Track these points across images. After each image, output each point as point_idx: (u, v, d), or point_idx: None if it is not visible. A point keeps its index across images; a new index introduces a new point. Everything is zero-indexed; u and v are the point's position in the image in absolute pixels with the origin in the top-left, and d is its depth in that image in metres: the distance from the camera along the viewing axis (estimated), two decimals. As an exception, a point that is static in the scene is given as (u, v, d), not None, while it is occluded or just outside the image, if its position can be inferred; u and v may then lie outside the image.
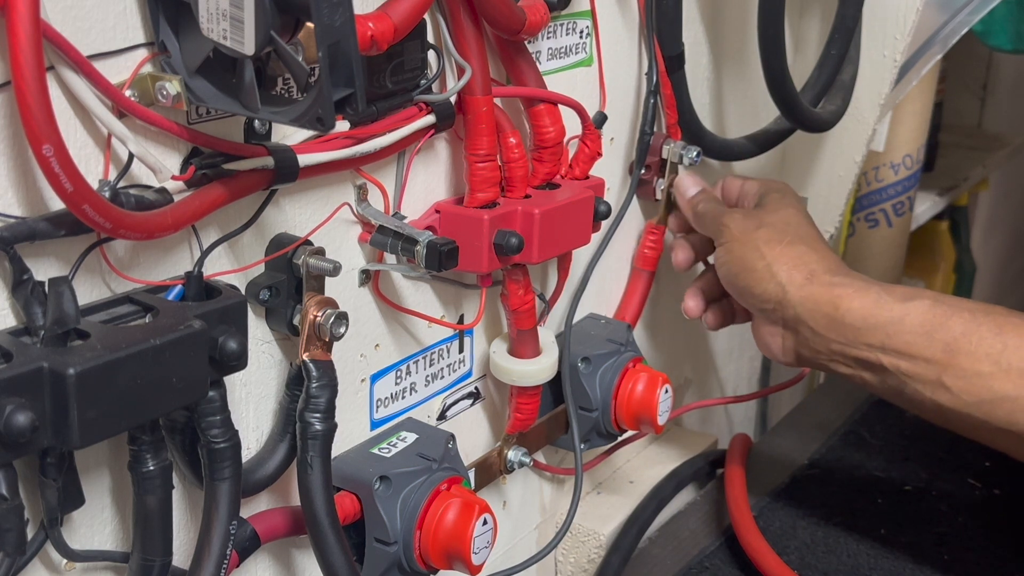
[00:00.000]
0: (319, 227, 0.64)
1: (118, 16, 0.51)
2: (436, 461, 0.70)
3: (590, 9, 0.82)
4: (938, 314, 0.75)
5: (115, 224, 0.48)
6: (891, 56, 1.03)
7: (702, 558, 0.90)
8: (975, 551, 0.91)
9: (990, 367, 0.72)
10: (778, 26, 0.87)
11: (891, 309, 0.76)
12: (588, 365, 0.85)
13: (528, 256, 0.73)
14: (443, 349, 0.78)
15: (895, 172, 1.45)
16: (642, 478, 0.99)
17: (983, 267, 1.98)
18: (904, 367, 0.75)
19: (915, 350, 0.75)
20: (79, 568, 0.57)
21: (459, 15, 0.67)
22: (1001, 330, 0.73)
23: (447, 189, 0.74)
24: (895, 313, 0.76)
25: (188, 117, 0.55)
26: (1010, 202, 2.11)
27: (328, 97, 0.48)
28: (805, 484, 1.00)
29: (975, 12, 1.07)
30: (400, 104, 0.66)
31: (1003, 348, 0.72)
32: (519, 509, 0.91)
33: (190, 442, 0.58)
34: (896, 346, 0.76)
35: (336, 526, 0.63)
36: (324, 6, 0.47)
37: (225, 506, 0.57)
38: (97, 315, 0.52)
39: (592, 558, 0.93)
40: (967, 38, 1.12)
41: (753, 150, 1.01)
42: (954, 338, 0.74)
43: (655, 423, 0.86)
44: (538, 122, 0.75)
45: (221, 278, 0.58)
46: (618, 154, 0.91)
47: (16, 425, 0.45)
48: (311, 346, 0.61)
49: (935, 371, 0.74)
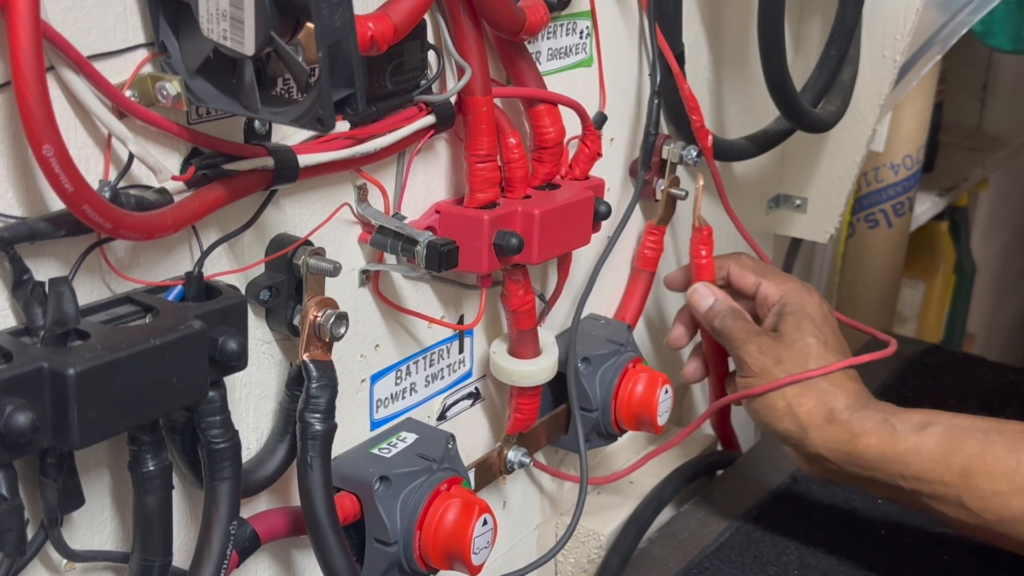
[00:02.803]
0: (319, 227, 0.64)
1: (118, 16, 0.51)
2: (436, 461, 0.70)
3: (590, 9, 0.82)
4: (952, 439, 0.77)
5: (115, 224, 0.48)
6: (891, 56, 1.03)
7: (702, 558, 0.90)
8: (975, 551, 0.91)
9: (1007, 485, 0.74)
10: (778, 26, 0.87)
11: (907, 440, 0.79)
12: (588, 365, 0.85)
13: (528, 256, 0.73)
14: (443, 349, 0.78)
15: (895, 172, 1.45)
16: (642, 478, 0.99)
17: (983, 267, 1.98)
18: (925, 491, 0.78)
19: (933, 476, 0.77)
20: (79, 568, 0.57)
21: (459, 15, 0.67)
22: (1015, 447, 0.75)
23: (447, 189, 0.74)
24: (911, 444, 0.78)
25: (188, 117, 0.55)
26: (1010, 202, 2.11)
27: (328, 97, 0.48)
28: (805, 484, 1.00)
29: (975, 12, 1.08)
30: (400, 104, 0.66)
31: (1017, 466, 0.74)
32: (519, 509, 0.91)
33: (190, 442, 0.58)
34: (915, 474, 0.78)
35: (336, 526, 0.63)
36: (324, 6, 0.47)
37: (225, 506, 0.57)
38: (97, 315, 0.52)
39: (592, 558, 0.93)
40: (967, 38, 1.12)
41: (753, 150, 1.01)
42: (969, 460, 0.76)
43: (655, 423, 0.86)
44: (538, 122, 0.75)
45: (221, 278, 0.58)
46: (618, 154, 0.91)
47: (16, 425, 0.45)
48: (311, 346, 0.61)
49: (954, 493, 0.76)
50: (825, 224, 1.15)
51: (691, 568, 0.89)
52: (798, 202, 1.18)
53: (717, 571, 0.89)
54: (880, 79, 1.05)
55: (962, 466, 0.76)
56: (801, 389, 0.83)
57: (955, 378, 1.22)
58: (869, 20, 1.02)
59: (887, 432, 0.79)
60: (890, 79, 1.04)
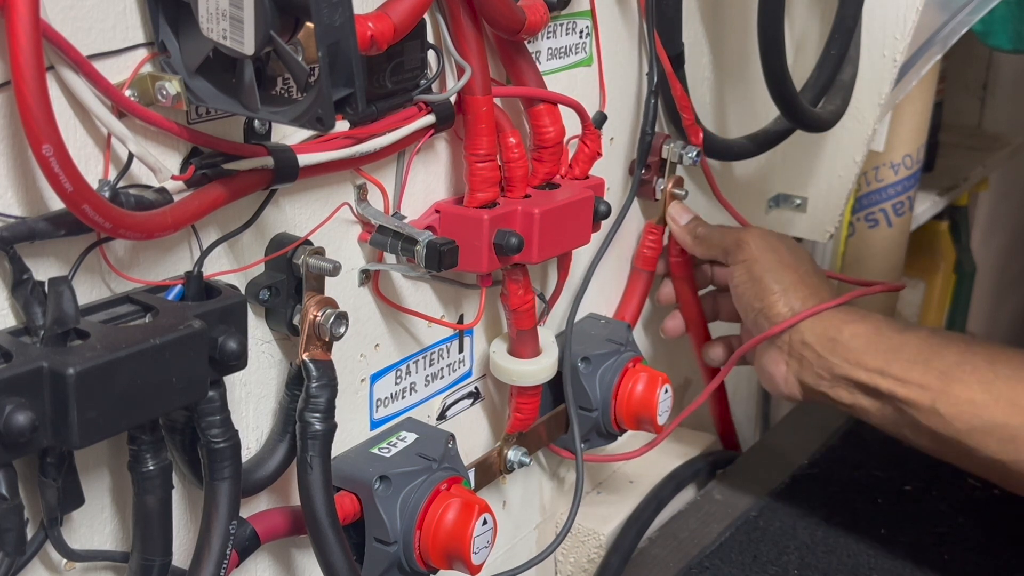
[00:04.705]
0: (319, 227, 0.64)
1: (118, 16, 0.51)
2: (436, 461, 0.70)
3: (590, 9, 0.82)
4: (934, 343, 0.78)
5: (115, 224, 0.48)
6: (891, 56, 1.03)
7: (702, 558, 0.90)
8: (975, 551, 0.91)
9: (982, 395, 0.75)
10: (778, 26, 0.87)
11: (891, 337, 0.80)
12: (588, 365, 0.85)
13: (528, 256, 0.73)
14: (443, 349, 0.78)
15: (895, 172, 1.45)
16: (642, 478, 0.99)
17: (983, 267, 1.98)
18: (901, 393, 0.78)
19: (911, 376, 0.78)
20: (79, 568, 0.57)
21: (459, 15, 0.67)
22: (994, 360, 0.76)
23: (447, 189, 0.74)
24: (894, 341, 0.80)
25: (188, 117, 0.55)
26: (1010, 202, 2.11)
27: (328, 97, 0.48)
28: (805, 484, 1.00)
29: (975, 12, 1.07)
30: (400, 104, 0.66)
31: (994, 377, 0.75)
32: (519, 509, 0.91)
33: (190, 442, 0.58)
34: (894, 371, 0.79)
35: (336, 526, 0.63)
36: (324, 6, 0.47)
37: (225, 506, 0.57)
38: (97, 315, 0.52)
39: (592, 558, 0.93)
40: (967, 38, 1.12)
41: (753, 150, 1.01)
42: (948, 366, 0.76)
43: (655, 423, 0.86)
44: (538, 122, 0.75)
45: (221, 278, 0.58)
46: (618, 154, 0.91)
47: (16, 425, 0.45)
48: (311, 346, 0.61)
49: (929, 397, 0.77)
50: (825, 224, 1.15)
51: (691, 568, 0.89)
52: (798, 202, 1.17)
53: (717, 571, 0.89)
54: (880, 79, 1.05)
55: (941, 371, 0.76)
56: (799, 278, 0.86)
57: (955, 378, 1.22)
58: (869, 20, 1.02)
59: (873, 325, 0.81)
60: (890, 79, 1.04)
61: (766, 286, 0.87)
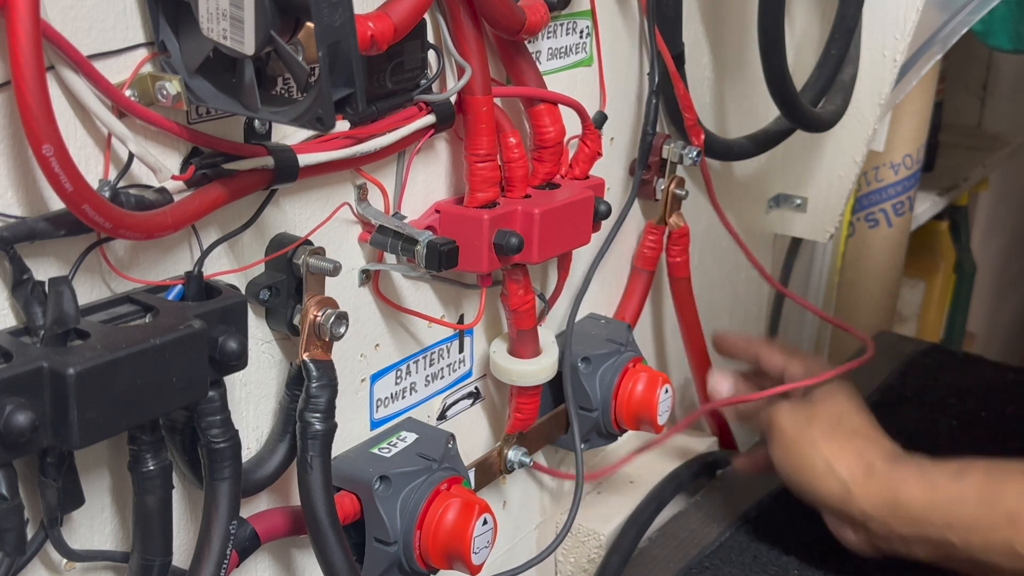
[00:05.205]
0: (319, 227, 0.64)
1: (118, 16, 0.51)
2: (436, 461, 0.70)
3: (590, 9, 0.82)
4: (992, 484, 0.76)
5: (115, 224, 0.48)
6: (891, 56, 1.04)
7: (702, 558, 0.90)
8: (975, 551, 0.91)
9: None
10: (778, 26, 0.87)
11: (948, 489, 0.78)
12: (588, 365, 0.85)
13: (528, 256, 0.73)
14: (443, 349, 0.78)
15: (895, 172, 1.45)
16: (642, 478, 0.99)
17: (983, 267, 1.98)
18: (974, 542, 0.76)
19: (981, 523, 0.76)
20: (79, 568, 0.57)
21: (459, 15, 0.67)
22: None
23: (447, 189, 0.74)
24: (952, 492, 0.77)
25: (188, 117, 0.55)
26: (1010, 202, 2.11)
27: (328, 97, 0.48)
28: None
29: (975, 12, 1.08)
30: (400, 104, 0.66)
31: None
32: (519, 509, 0.91)
33: (190, 442, 0.58)
34: (962, 523, 0.77)
35: (336, 526, 0.63)
36: (324, 6, 0.47)
37: (225, 506, 0.57)
38: (97, 315, 0.52)
39: (592, 558, 0.93)
40: (967, 38, 1.12)
41: (753, 150, 1.01)
42: (1014, 505, 0.75)
43: (655, 423, 0.86)
44: (538, 122, 0.75)
45: (221, 278, 0.58)
46: (618, 154, 0.91)
47: (16, 425, 0.45)
48: (311, 346, 0.61)
49: (1004, 538, 0.75)
50: (825, 224, 1.15)
51: (691, 568, 0.89)
52: (798, 201, 1.18)
53: (717, 571, 0.89)
54: (880, 79, 1.05)
55: (1007, 511, 0.75)
56: (840, 444, 0.82)
57: (955, 377, 1.22)
58: (869, 20, 1.02)
59: (927, 482, 0.79)
60: (890, 79, 1.04)
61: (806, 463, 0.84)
